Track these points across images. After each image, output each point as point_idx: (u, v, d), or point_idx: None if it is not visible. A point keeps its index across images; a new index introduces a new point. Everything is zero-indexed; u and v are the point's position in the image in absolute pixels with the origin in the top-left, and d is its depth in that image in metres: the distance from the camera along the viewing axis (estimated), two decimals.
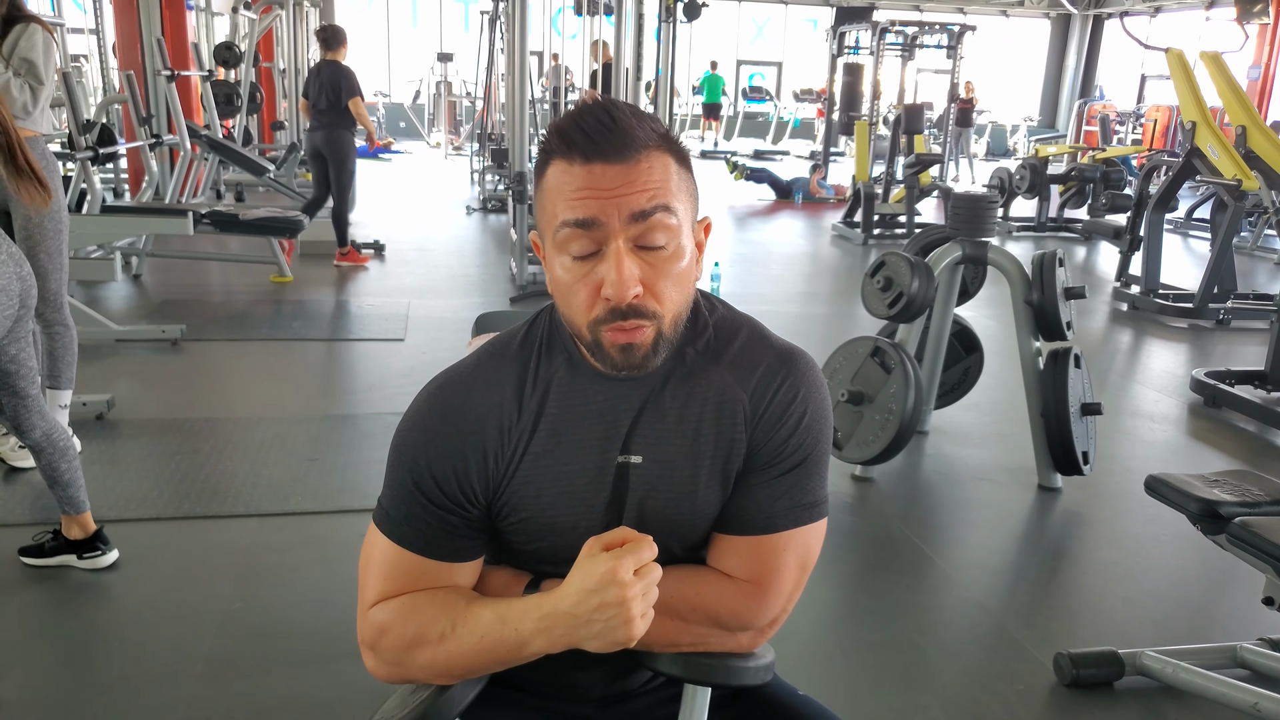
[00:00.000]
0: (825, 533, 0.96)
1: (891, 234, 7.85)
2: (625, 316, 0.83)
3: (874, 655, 2.08)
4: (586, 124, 0.82)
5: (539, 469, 0.90)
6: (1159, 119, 13.24)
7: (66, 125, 5.26)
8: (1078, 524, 2.82)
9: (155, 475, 2.75)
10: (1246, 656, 1.96)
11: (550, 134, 0.86)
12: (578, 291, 0.84)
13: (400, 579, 0.90)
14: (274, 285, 5.31)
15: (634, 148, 0.83)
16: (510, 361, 0.92)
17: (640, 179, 0.83)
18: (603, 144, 0.82)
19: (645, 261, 0.83)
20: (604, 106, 0.84)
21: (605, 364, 0.87)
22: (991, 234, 3.08)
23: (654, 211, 0.83)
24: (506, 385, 0.91)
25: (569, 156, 0.83)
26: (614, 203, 0.82)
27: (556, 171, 0.84)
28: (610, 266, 0.82)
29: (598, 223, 0.82)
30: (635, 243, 0.83)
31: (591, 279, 0.83)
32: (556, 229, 0.83)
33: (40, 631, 2.01)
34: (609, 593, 0.79)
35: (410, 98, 16.27)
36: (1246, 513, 1.80)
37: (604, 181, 0.82)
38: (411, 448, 0.89)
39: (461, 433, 0.89)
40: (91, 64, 10.36)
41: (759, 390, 0.92)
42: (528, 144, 5.67)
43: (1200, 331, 5.22)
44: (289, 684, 1.86)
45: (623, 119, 0.83)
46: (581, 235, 0.83)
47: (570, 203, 0.82)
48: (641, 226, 0.83)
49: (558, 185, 0.84)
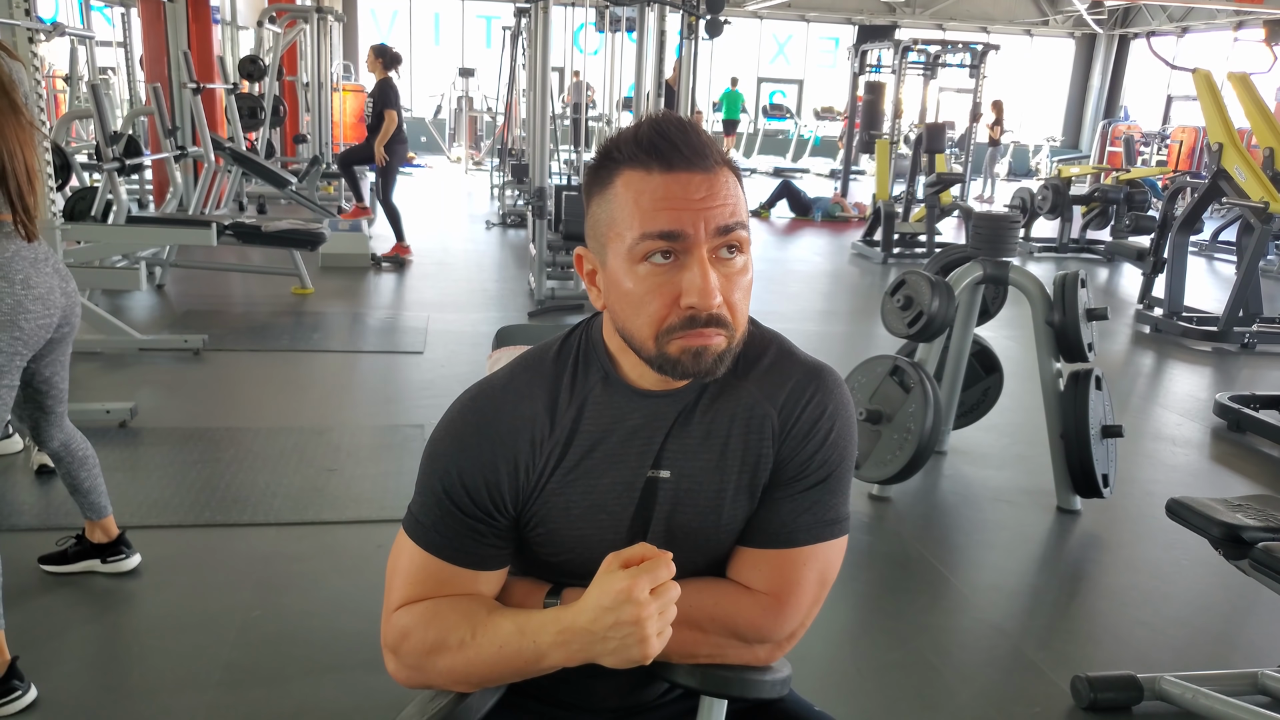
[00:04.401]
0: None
1: (911, 253, 7.83)
2: (706, 325, 0.83)
3: (889, 675, 2.07)
4: (668, 132, 0.83)
5: (570, 483, 0.91)
6: (1185, 140, 13.15)
7: (94, 137, 5.38)
8: (1097, 547, 2.80)
9: (177, 483, 2.78)
10: (1268, 683, 1.94)
11: (620, 143, 0.85)
12: (650, 301, 0.84)
13: (425, 584, 0.91)
14: (295, 297, 5.36)
15: (712, 159, 0.84)
16: (544, 375, 0.93)
17: (721, 191, 0.83)
18: (687, 153, 0.82)
19: (722, 272, 0.84)
20: (676, 118, 0.85)
21: (674, 372, 0.86)
22: (1013, 254, 3.07)
23: (735, 227, 0.84)
24: (539, 399, 0.92)
25: (646, 165, 0.83)
26: (701, 215, 0.82)
27: (632, 180, 0.83)
28: (697, 275, 0.82)
29: (684, 235, 0.82)
30: (714, 254, 0.84)
31: (669, 289, 0.83)
32: (637, 240, 0.82)
33: (62, 635, 2.03)
34: (624, 611, 0.79)
35: (432, 113, 16.44)
36: (1270, 538, 1.78)
37: (689, 191, 0.82)
38: (444, 457, 0.91)
39: (494, 443, 0.90)
40: (119, 76, 10.55)
41: (788, 405, 0.93)
42: (548, 159, 5.71)
43: (1224, 355, 5.16)
44: (307, 692, 1.87)
45: (697, 130, 0.85)
46: (666, 246, 0.82)
47: (654, 213, 0.82)
48: (721, 240, 0.83)
49: (635, 194, 0.83)
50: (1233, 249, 7.30)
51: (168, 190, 6.72)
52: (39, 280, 1.92)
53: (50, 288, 1.95)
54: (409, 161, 13.58)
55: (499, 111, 10.47)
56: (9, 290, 1.85)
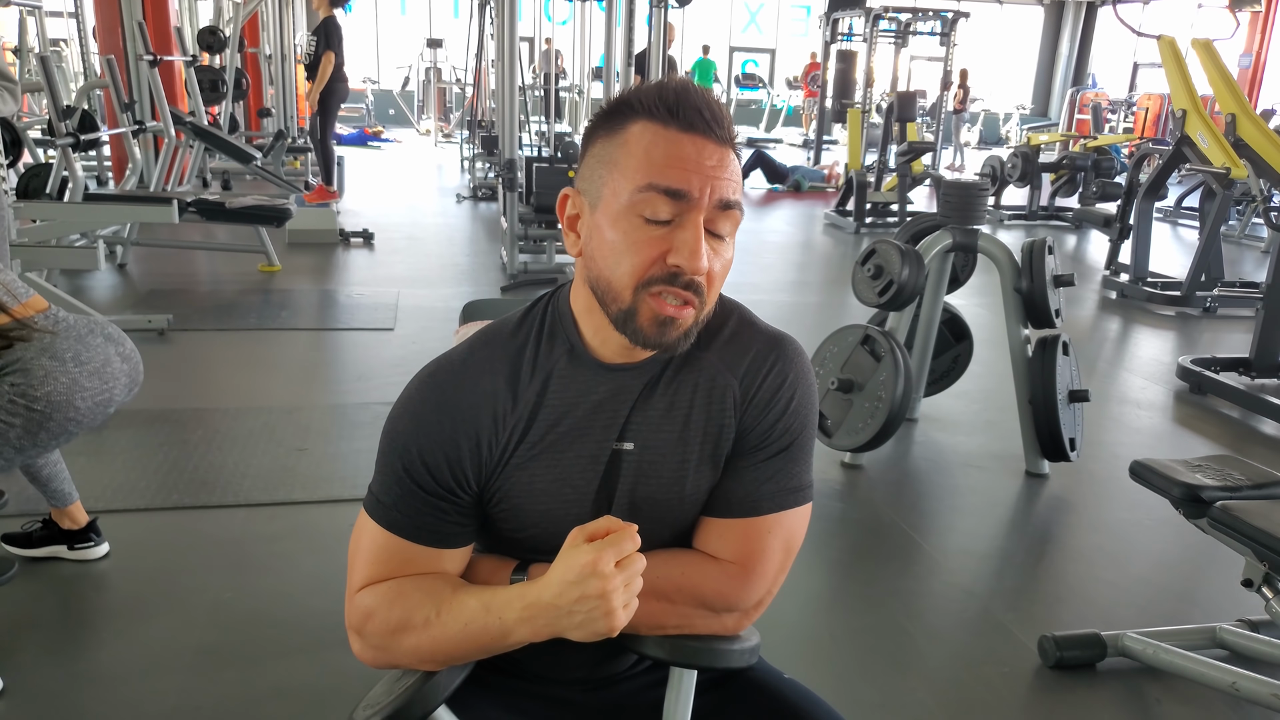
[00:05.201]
0: (810, 518, 0.97)
1: (884, 223, 7.86)
2: (686, 287, 0.84)
3: (862, 639, 2.10)
4: (694, 96, 0.84)
5: (534, 458, 0.91)
6: (1151, 107, 13.26)
7: (46, 111, 5.23)
8: (1064, 509, 2.85)
9: (143, 466, 2.75)
10: (1225, 637, 1.99)
11: (642, 94, 0.85)
12: (633, 253, 0.83)
13: (388, 564, 0.90)
14: (262, 274, 5.28)
15: (728, 132, 0.85)
16: (505, 350, 0.92)
17: (729, 167, 0.85)
18: (709, 119, 0.84)
19: (709, 243, 0.85)
20: (700, 88, 0.85)
21: (634, 336, 0.86)
22: (982, 222, 3.09)
23: (734, 206, 0.85)
24: (500, 373, 0.91)
25: (665, 120, 0.83)
26: (710, 181, 0.83)
27: (646, 131, 0.83)
28: (690, 236, 0.82)
29: (689, 196, 0.82)
30: (708, 226, 0.84)
31: (657, 244, 0.83)
32: (640, 189, 0.82)
33: (28, 623, 2.01)
34: (590, 585, 0.79)
35: (399, 85, 16.17)
36: (1227, 497, 1.82)
37: (703, 156, 0.83)
38: (403, 435, 0.90)
39: (454, 420, 0.89)
40: (71, 48, 10.26)
41: (749, 375, 0.93)
42: (518, 131, 5.64)
43: (1187, 319, 5.25)
44: (279, 673, 1.87)
45: (719, 102, 0.86)
46: (667, 203, 0.82)
47: (665, 168, 0.82)
48: (720, 214, 0.85)
49: (647, 145, 0.83)
50: (1196, 215, 7.40)
51: (127, 167, 6.57)
52: (91, 354, 1.82)
53: (107, 357, 1.84)
54: (377, 135, 13.38)
55: (468, 83, 10.32)
56: (61, 370, 1.74)
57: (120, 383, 1.89)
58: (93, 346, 1.85)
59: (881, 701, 1.87)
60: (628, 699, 1.04)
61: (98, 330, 1.89)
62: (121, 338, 1.96)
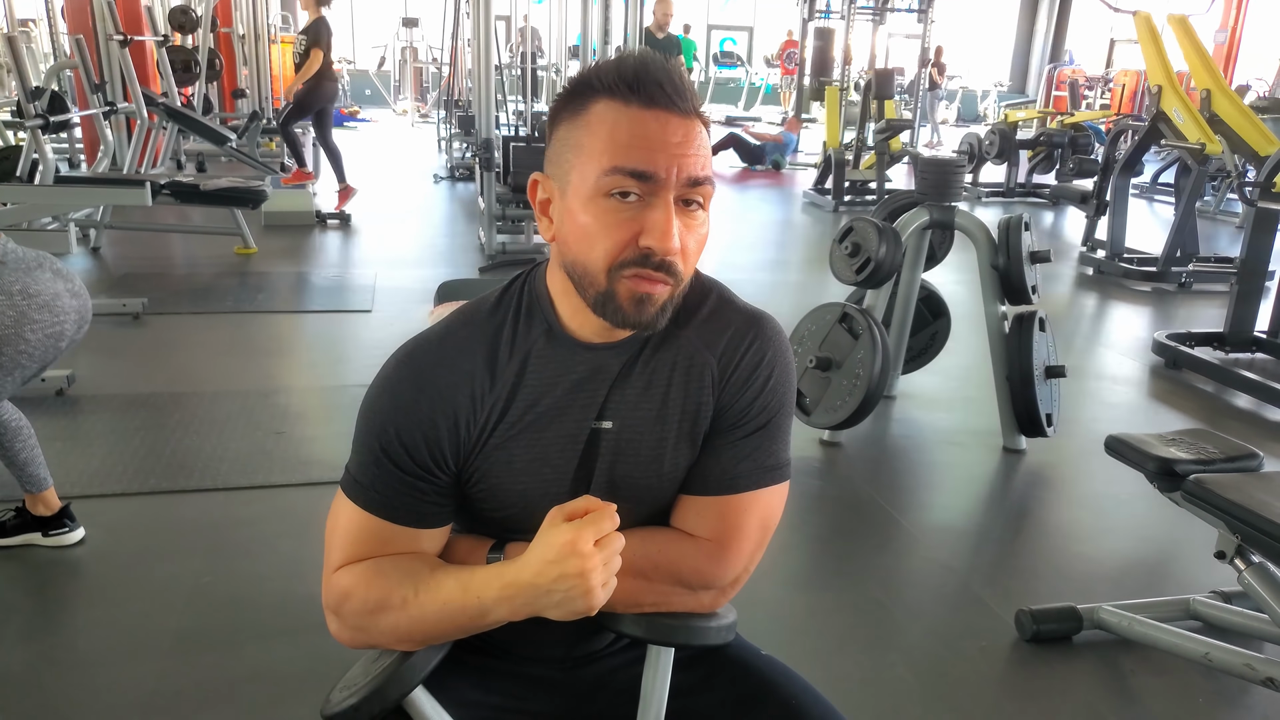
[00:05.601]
0: (789, 495, 0.97)
1: (862, 200, 7.86)
2: (658, 268, 0.82)
3: (841, 616, 2.12)
4: (653, 68, 0.81)
5: (513, 437, 0.90)
6: (1127, 84, 13.31)
7: (15, 93, 5.11)
8: (1041, 485, 2.88)
9: (119, 451, 2.72)
10: (1199, 609, 2.02)
11: (602, 71, 0.82)
12: (608, 236, 0.82)
13: (366, 544, 0.90)
14: (238, 257, 5.22)
15: (692, 105, 0.82)
16: (483, 329, 0.91)
17: (697, 141, 0.82)
18: (670, 92, 0.81)
19: (682, 223, 0.83)
20: (660, 58, 0.82)
21: (613, 318, 0.85)
22: (959, 199, 3.09)
23: (704, 181, 0.83)
24: (478, 353, 0.90)
25: (626, 98, 0.80)
26: (676, 159, 0.81)
27: (609, 110, 0.81)
28: (661, 217, 0.81)
29: (655, 177, 0.80)
30: (679, 203, 0.83)
31: (629, 226, 0.81)
32: (606, 172, 0.80)
33: (4, 609, 1.99)
34: (569, 564, 0.79)
35: (375, 65, 15.96)
36: (1201, 470, 1.84)
37: (668, 133, 0.80)
38: (380, 414, 0.89)
39: (432, 399, 0.88)
40: (40, 28, 10.04)
41: (727, 353, 0.93)
42: (494, 111, 5.59)
43: (1163, 295, 5.30)
44: (259, 656, 1.86)
45: (680, 72, 0.82)
46: (635, 184, 0.81)
47: (629, 149, 0.80)
48: (689, 191, 0.83)
49: (610, 125, 0.81)
50: (1172, 191, 7.45)
51: (99, 149, 6.45)
52: (40, 287, 1.80)
53: (56, 292, 1.83)
54: (353, 116, 13.22)
55: (444, 62, 10.20)
56: (8, 303, 1.73)
57: (70, 318, 1.88)
58: (41, 280, 1.83)
59: (860, 676, 1.89)
60: (606, 677, 1.05)
61: (46, 265, 1.87)
62: (71, 275, 1.94)
